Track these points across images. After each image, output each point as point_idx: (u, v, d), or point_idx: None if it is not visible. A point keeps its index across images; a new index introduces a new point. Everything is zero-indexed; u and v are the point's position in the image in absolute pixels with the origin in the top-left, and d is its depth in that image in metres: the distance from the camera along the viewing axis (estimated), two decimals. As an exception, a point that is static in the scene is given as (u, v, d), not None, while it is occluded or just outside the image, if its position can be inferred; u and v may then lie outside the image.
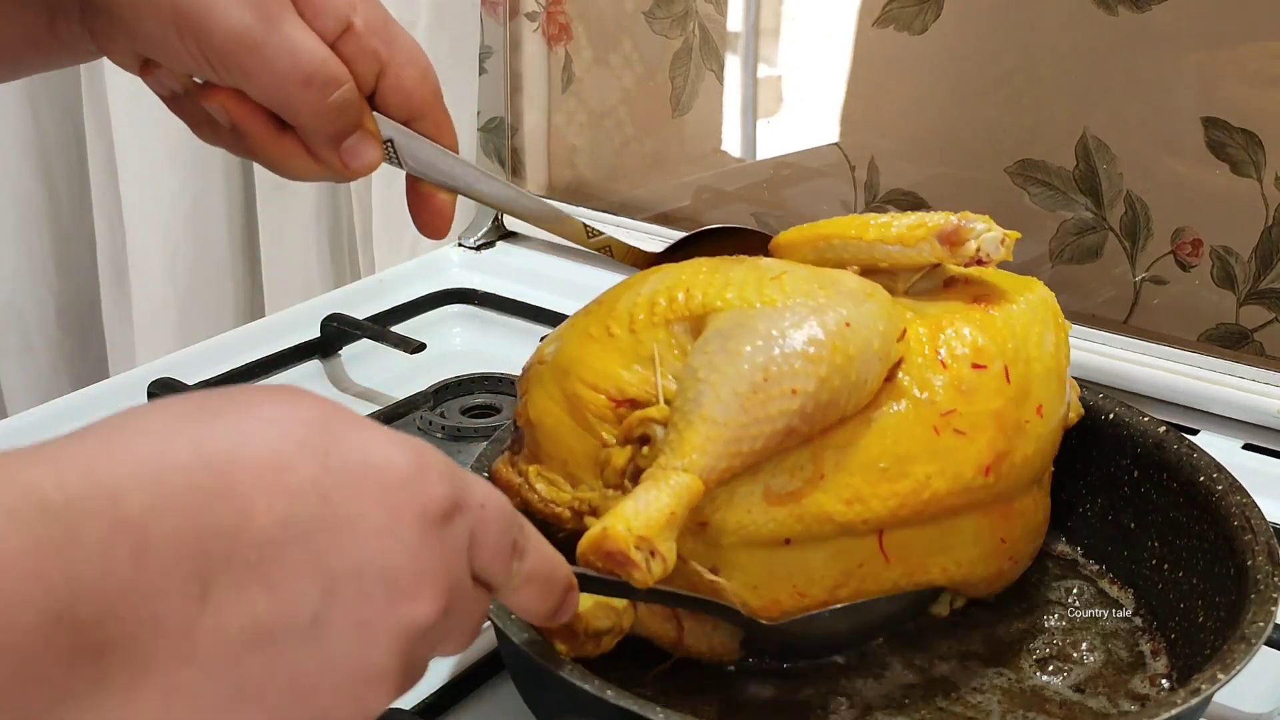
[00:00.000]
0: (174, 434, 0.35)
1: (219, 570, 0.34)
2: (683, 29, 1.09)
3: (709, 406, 0.55)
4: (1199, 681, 0.51)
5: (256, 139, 0.58)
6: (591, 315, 0.62)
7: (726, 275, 0.60)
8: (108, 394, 0.91)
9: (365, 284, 1.11)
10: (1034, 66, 0.93)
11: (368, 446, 0.38)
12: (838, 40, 1.03)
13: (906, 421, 0.58)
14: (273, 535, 0.35)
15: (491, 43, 1.17)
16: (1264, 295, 0.87)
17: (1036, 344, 0.62)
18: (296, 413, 0.37)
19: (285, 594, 0.35)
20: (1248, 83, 0.85)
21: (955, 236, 0.61)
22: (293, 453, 0.36)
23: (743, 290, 0.58)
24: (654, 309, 0.60)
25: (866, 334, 0.57)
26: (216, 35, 0.54)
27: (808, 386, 0.55)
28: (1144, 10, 0.87)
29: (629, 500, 0.53)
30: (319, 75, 0.56)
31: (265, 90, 0.56)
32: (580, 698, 0.51)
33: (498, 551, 0.42)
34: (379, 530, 0.37)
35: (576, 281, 1.09)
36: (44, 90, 1.57)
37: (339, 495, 0.37)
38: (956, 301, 0.63)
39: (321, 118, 0.57)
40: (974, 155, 0.97)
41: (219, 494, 0.35)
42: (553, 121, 1.19)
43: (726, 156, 1.12)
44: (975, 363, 0.60)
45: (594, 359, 0.60)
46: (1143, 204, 0.90)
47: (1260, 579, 0.57)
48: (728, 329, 0.57)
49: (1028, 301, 0.64)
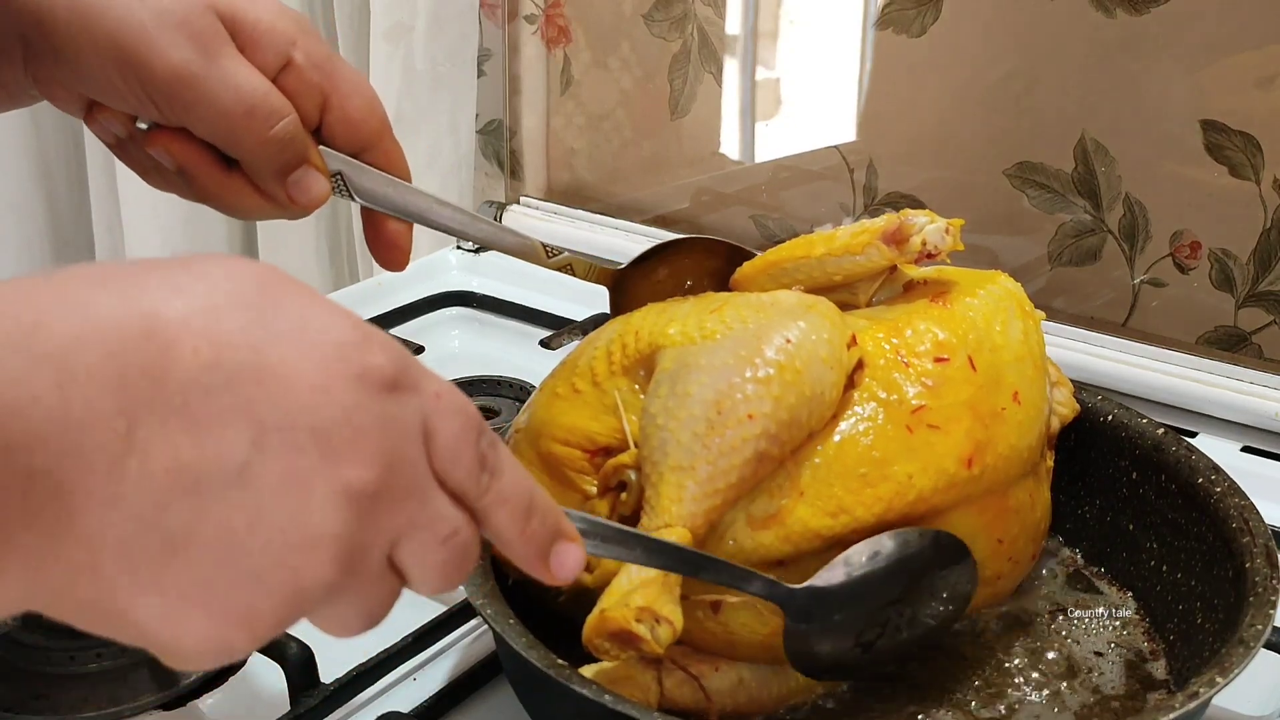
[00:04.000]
0: (103, 281, 0.35)
1: (143, 409, 0.34)
2: (681, 32, 1.09)
3: (674, 454, 0.55)
4: (1197, 685, 0.51)
5: (203, 180, 0.59)
6: (557, 376, 0.63)
7: (671, 313, 0.61)
8: (106, 397, 0.90)
9: (364, 286, 1.11)
10: (1033, 69, 0.93)
11: (307, 309, 0.37)
12: (836, 43, 1.03)
13: (878, 424, 0.58)
14: (198, 379, 0.35)
15: (490, 45, 1.17)
16: (1262, 297, 0.87)
17: (1001, 332, 0.62)
18: (234, 270, 0.37)
19: (211, 440, 0.35)
20: (1246, 85, 0.85)
21: (899, 234, 0.62)
22: (224, 304, 0.36)
23: (684, 326, 0.59)
24: (611, 359, 0.61)
25: (811, 345, 0.57)
26: (157, 71, 0.54)
27: (763, 408, 0.55)
28: (1142, 13, 0.87)
29: (622, 573, 0.53)
30: (261, 107, 0.56)
31: (208, 125, 0.56)
32: (579, 702, 0.51)
33: (459, 450, 0.40)
34: (312, 387, 0.36)
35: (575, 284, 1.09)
36: (42, 93, 1.57)
37: (271, 349, 0.36)
38: (915, 302, 0.63)
39: (265, 150, 0.57)
40: (973, 158, 0.97)
41: (144, 334, 0.34)
42: (551, 124, 1.19)
43: (725, 159, 1.12)
44: (937, 357, 0.60)
45: (563, 416, 0.61)
46: (1141, 206, 0.90)
47: (1259, 581, 0.57)
48: (674, 369, 0.57)
49: (988, 293, 0.64)
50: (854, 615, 0.56)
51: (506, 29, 1.16)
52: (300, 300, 0.37)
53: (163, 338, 0.34)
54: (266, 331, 0.36)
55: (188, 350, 0.35)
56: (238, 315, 0.36)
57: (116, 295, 0.35)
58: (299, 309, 0.37)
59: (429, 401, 0.39)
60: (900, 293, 0.65)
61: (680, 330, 0.59)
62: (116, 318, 0.34)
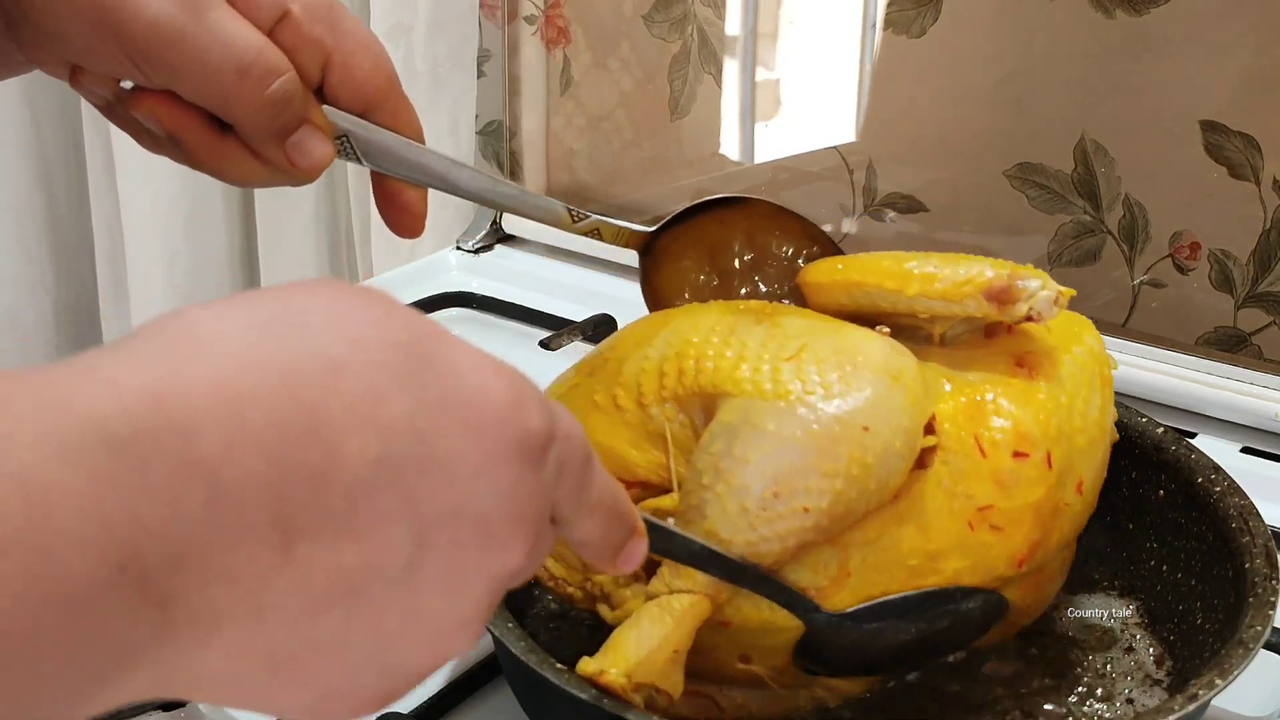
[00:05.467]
0: (252, 354, 0.31)
1: (303, 517, 0.30)
2: (681, 32, 1.09)
3: (714, 521, 0.52)
4: (1197, 687, 0.51)
5: (194, 145, 0.54)
6: (598, 377, 0.58)
7: (741, 345, 0.55)
8: (106, 398, 0.90)
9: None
10: (1032, 70, 0.93)
11: (465, 376, 0.34)
12: (836, 44, 1.03)
13: (940, 516, 0.54)
14: (364, 478, 0.31)
15: (490, 46, 1.17)
16: (1262, 298, 0.87)
17: (1081, 413, 0.58)
18: (389, 333, 0.33)
19: (376, 543, 0.32)
20: (1245, 86, 0.85)
21: (1006, 296, 0.56)
22: (388, 384, 0.32)
23: (756, 369, 0.53)
24: (663, 381, 0.55)
25: (888, 436, 0.52)
26: (138, 29, 0.49)
27: (820, 503, 0.51)
28: (1142, 14, 0.87)
29: (631, 630, 0.51)
30: (255, 65, 0.51)
31: (197, 87, 0.51)
32: (578, 705, 0.51)
33: (576, 484, 0.38)
34: (475, 471, 0.33)
35: (575, 284, 1.10)
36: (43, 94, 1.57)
37: (435, 433, 0.33)
38: (997, 360, 0.58)
39: (261, 113, 0.52)
40: (972, 159, 0.97)
41: (306, 431, 0.30)
42: (551, 125, 1.19)
43: (725, 160, 1.12)
44: (1017, 450, 0.55)
45: (600, 433, 0.56)
46: (1141, 207, 0.90)
47: (1258, 582, 0.57)
48: (735, 424, 0.52)
49: (1074, 360, 0.58)
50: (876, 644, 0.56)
51: (506, 30, 1.16)
52: (456, 362, 0.34)
53: (327, 434, 0.31)
54: (428, 410, 0.33)
55: (354, 446, 0.31)
56: (401, 395, 0.32)
57: (272, 379, 0.30)
58: (456, 375, 0.34)
59: (563, 445, 0.37)
60: (979, 333, 0.59)
61: (751, 377, 0.53)
62: (276, 415, 0.30)
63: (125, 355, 0.30)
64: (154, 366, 0.30)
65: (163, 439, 0.29)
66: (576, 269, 1.12)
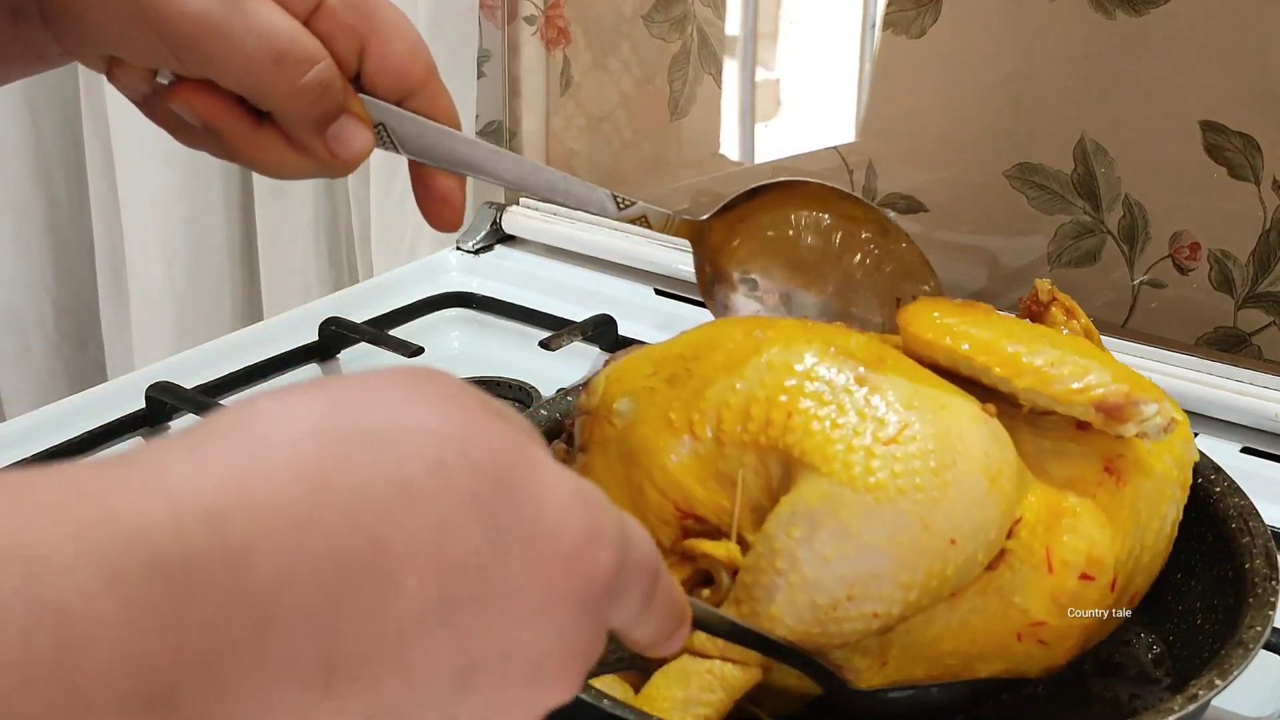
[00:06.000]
0: (321, 474, 0.29)
1: (351, 652, 0.29)
2: (681, 33, 1.09)
3: (779, 607, 0.50)
4: (1197, 687, 0.51)
5: (232, 136, 0.54)
6: (677, 390, 0.54)
7: (839, 410, 0.51)
8: (106, 397, 0.91)
9: (363, 288, 1.11)
10: (1032, 70, 0.93)
11: (542, 507, 0.32)
12: (836, 44, 1.03)
13: (990, 622, 0.52)
14: (418, 616, 0.29)
15: (490, 46, 1.17)
16: (1262, 299, 0.87)
17: (1156, 530, 0.56)
18: (471, 454, 0.31)
19: (419, 678, 0.30)
20: (1245, 86, 0.85)
21: (1119, 414, 0.52)
22: (459, 516, 0.30)
23: (850, 448, 0.50)
24: (746, 424, 0.51)
25: (972, 550, 0.50)
26: (176, 19, 0.50)
27: (891, 610, 0.50)
28: (1141, 14, 0.87)
29: (677, 688, 0.50)
30: (291, 53, 0.51)
31: (235, 76, 0.52)
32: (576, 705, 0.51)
33: (639, 604, 0.36)
34: (534, 613, 0.32)
35: (576, 285, 1.10)
36: (42, 95, 1.57)
37: (498, 571, 0.31)
38: (1087, 459, 0.54)
39: (299, 101, 0.53)
40: (972, 159, 0.97)
41: (366, 564, 0.29)
42: (551, 125, 1.19)
43: (725, 160, 1.12)
44: (1085, 573, 0.53)
45: (667, 456, 0.53)
46: (1141, 207, 0.90)
47: (1258, 582, 0.57)
48: (819, 511, 0.49)
49: (1164, 470, 0.56)
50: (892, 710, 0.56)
51: (506, 30, 1.16)
52: (536, 490, 0.32)
53: (387, 567, 0.29)
54: (496, 545, 0.31)
55: (413, 583, 0.29)
56: (470, 527, 0.30)
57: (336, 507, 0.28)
58: (533, 505, 0.32)
59: (630, 574, 0.35)
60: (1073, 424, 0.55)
61: (843, 457, 0.50)
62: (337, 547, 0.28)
63: (186, 458, 0.28)
64: (214, 475, 0.28)
65: (215, 566, 0.27)
66: (576, 269, 1.12)
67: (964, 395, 0.53)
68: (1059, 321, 0.63)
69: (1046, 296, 0.63)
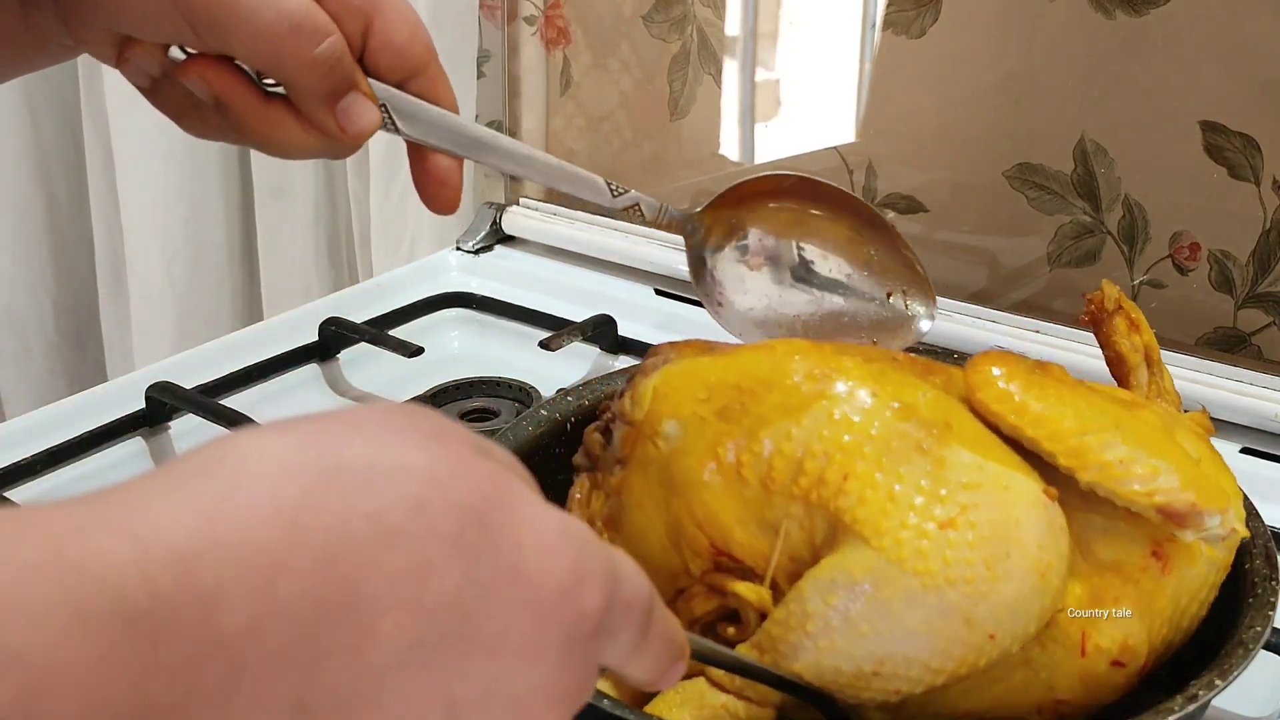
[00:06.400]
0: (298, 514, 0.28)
1: (327, 699, 0.28)
2: (681, 33, 1.09)
3: (803, 665, 0.49)
4: (1196, 688, 0.51)
5: (241, 110, 0.55)
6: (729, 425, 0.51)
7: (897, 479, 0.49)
8: (105, 397, 0.91)
9: (363, 288, 1.11)
10: (1032, 71, 0.93)
11: (525, 550, 0.31)
12: (836, 44, 1.03)
13: (1012, 693, 0.51)
14: (397, 659, 0.29)
15: (490, 46, 1.17)
16: (1262, 299, 0.87)
17: (1192, 615, 0.54)
18: (454, 495, 0.30)
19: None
20: (1245, 86, 0.85)
21: (1181, 521, 0.51)
22: (439, 557, 0.30)
23: (903, 524, 0.48)
24: (798, 478, 0.49)
25: (1008, 644, 0.48)
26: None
27: (915, 690, 0.49)
28: (1141, 14, 0.87)
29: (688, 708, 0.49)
30: (305, 23, 0.53)
31: (250, 46, 0.53)
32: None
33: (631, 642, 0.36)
34: (518, 652, 0.31)
35: (575, 285, 1.10)
36: (42, 94, 1.57)
37: (480, 613, 0.30)
38: (1136, 541, 0.52)
39: (313, 72, 0.54)
40: (972, 159, 0.97)
41: (341, 608, 0.28)
42: (551, 125, 1.19)
43: (725, 160, 1.12)
44: (1117, 660, 0.51)
45: (711, 496, 0.51)
46: (1141, 208, 0.90)
47: (1258, 582, 0.57)
48: (861, 583, 0.48)
49: (1209, 559, 0.54)
50: None
51: (506, 30, 1.16)
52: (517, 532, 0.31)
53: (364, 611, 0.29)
54: (477, 587, 0.30)
55: (390, 626, 0.29)
56: (450, 569, 0.30)
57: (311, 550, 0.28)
58: (512, 540, 0.31)
59: (620, 613, 0.34)
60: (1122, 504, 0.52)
61: (894, 532, 0.48)
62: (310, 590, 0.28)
63: (157, 499, 0.28)
64: (185, 516, 0.27)
65: (184, 611, 0.26)
66: (576, 269, 1.12)
67: (1028, 471, 0.51)
68: (1121, 333, 0.61)
69: (1113, 304, 0.62)
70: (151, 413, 0.87)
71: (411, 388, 0.91)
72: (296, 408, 0.91)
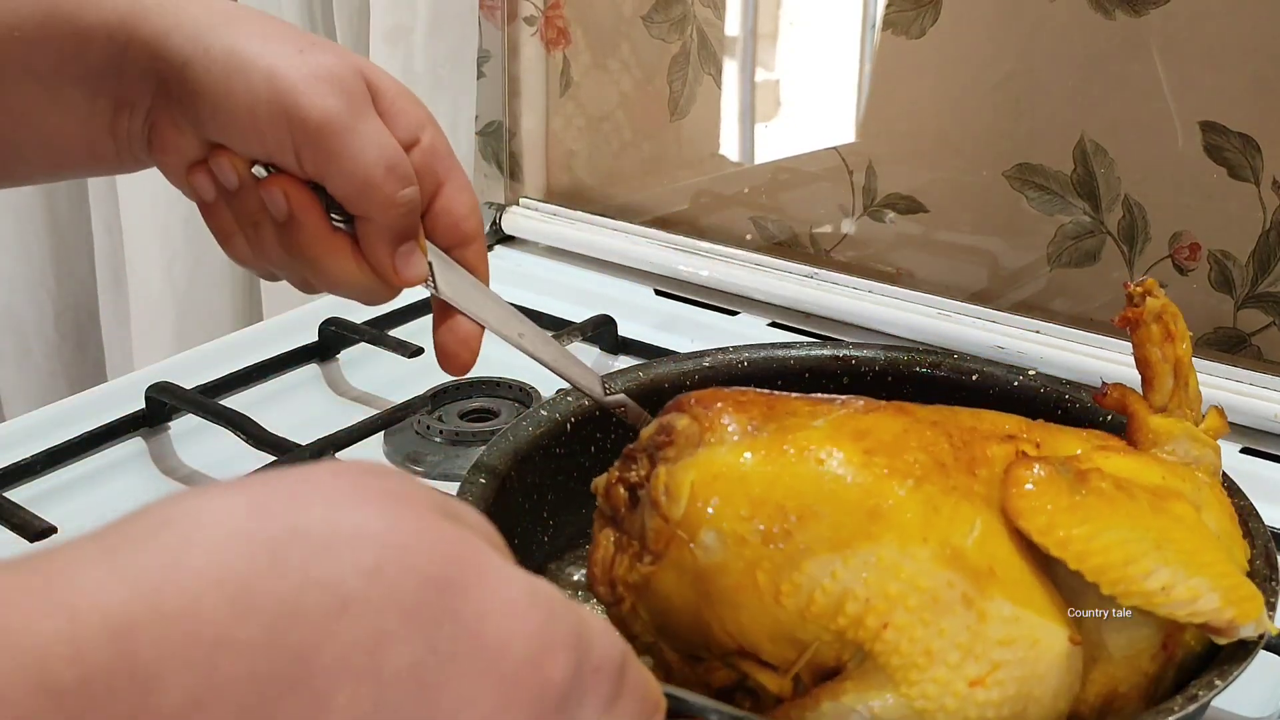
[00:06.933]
0: (248, 583, 0.27)
1: None
2: (681, 33, 1.09)
3: None
4: (1196, 688, 0.51)
5: (309, 233, 0.58)
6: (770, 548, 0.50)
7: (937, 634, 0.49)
8: (105, 398, 0.91)
9: (363, 288, 1.11)
10: (1032, 71, 0.93)
11: (488, 619, 0.30)
12: (836, 45, 1.03)
13: None
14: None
15: (489, 47, 1.17)
16: (1262, 299, 0.87)
17: None
18: (414, 560, 0.29)
19: None
20: (1245, 86, 0.85)
21: (1219, 634, 0.52)
22: (397, 628, 0.28)
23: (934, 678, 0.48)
24: (838, 616, 0.49)
25: None
26: (311, 116, 0.55)
27: None
28: (1141, 14, 0.87)
29: None
30: (399, 167, 0.57)
31: (346, 176, 0.56)
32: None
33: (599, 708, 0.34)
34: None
35: (575, 285, 1.10)
36: (42, 94, 1.57)
37: (440, 686, 0.29)
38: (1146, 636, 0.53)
39: (392, 211, 0.58)
40: (972, 159, 0.97)
41: (290, 683, 0.27)
42: (550, 125, 1.19)
43: (724, 160, 1.12)
44: None
45: (744, 611, 0.50)
46: (1140, 208, 0.90)
47: (1258, 583, 0.57)
48: None
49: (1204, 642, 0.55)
50: None
51: (506, 30, 1.16)
52: (481, 601, 0.30)
53: (315, 685, 0.27)
54: (438, 659, 0.29)
55: (343, 701, 0.27)
56: (408, 640, 0.28)
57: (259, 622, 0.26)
58: (475, 609, 0.30)
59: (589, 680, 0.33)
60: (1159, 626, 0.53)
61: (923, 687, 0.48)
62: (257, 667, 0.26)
63: (96, 565, 0.26)
64: (124, 585, 0.26)
65: (118, 688, 0.25)
66: (576, 270, 1.12)
67: (1059, 621, 0.51)
68: (1154, 342, 0.61)
69: (1152, 316, 0.61)
70: (151, 413, 0.87)
71: (411, 388, 0.90)
72: (296, 408, 0.91)
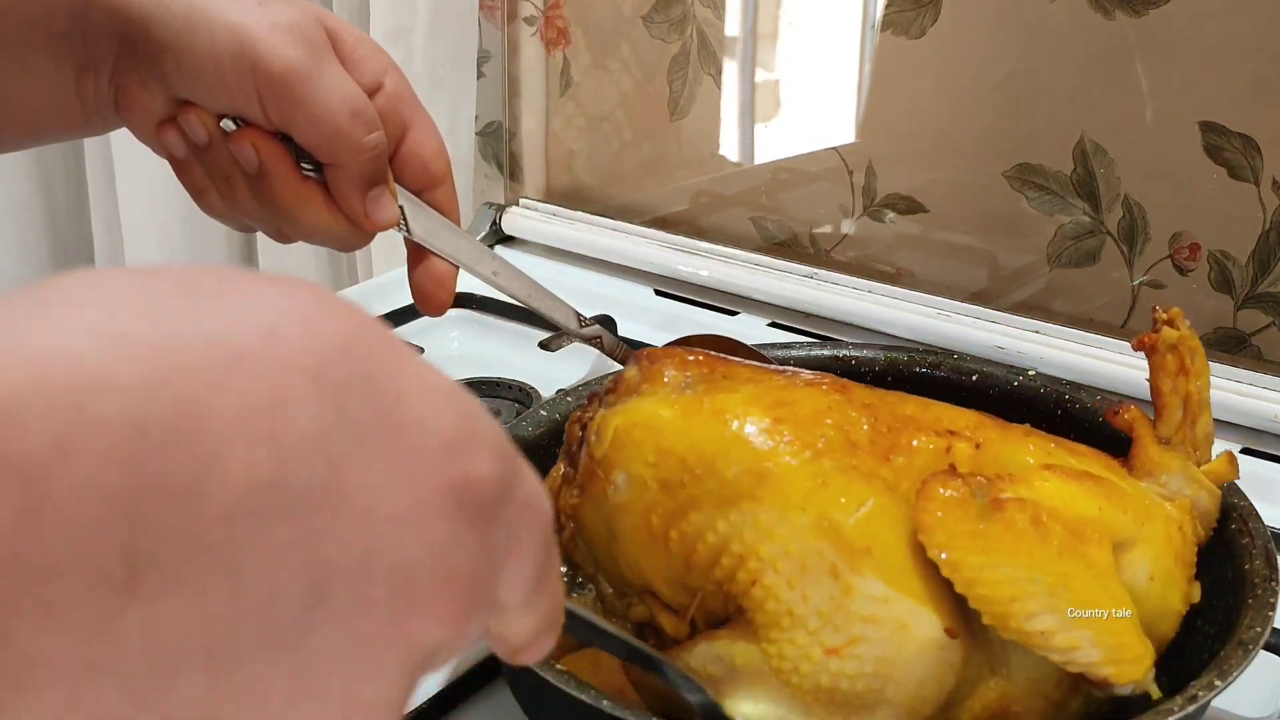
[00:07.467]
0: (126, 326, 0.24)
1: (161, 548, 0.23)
2: (681, 33, 1.09)
3: None
4: (1196, 688, 0.51)
5: (280, 184, 0.59)
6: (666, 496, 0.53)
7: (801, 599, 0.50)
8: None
9: (363, 288, 1.11)
10: (1032, 71, 0.93)
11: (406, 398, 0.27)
12: (836, 45, 1.03)
13: None
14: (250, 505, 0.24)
15: (490, 47, 1.17)
16: (1261, 299, 0.87)
17: None
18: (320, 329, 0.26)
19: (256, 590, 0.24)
20: (1245, 86, 0.85)
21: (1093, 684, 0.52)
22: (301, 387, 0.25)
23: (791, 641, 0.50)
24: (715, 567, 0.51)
25: None
26: (274, 67, 0.56)
27: None
28: (1141, 15, 0.87)
29: None
30: (364, 112, 0.58)
31: (311, 124, 0.58)
32: (577, 706, 0.51)
33: (530, 567, 0.31)
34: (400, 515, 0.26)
35: (576, 285, 1.10)
36: (42, 94, 1.57)
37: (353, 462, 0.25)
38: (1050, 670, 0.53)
39: (359, 157, 0.59)
40: (972, 159, 0.97)
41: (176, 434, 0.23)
42: (550, 126, 1.19)
43: (724, 161, 1.12)
44: None
45: (642, 552, 0.53)
46: (1140, 208, 0.90)
47: (1258, 583, 0.57)
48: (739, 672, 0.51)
49: None
50: None
51: (506, 31, 1.16)
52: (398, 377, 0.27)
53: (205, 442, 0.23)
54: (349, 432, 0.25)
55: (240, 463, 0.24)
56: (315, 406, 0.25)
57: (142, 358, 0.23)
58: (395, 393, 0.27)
59: (518, 513, 0.30)
60: None
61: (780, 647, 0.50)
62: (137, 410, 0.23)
63: None
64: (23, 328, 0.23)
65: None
66: (576, 269, 1.12)
67: (935, 610, 0.51)
68: (1167, 373, 0.60)
69: (1166, 346, 0.60)
70: (151, 413, 0.86)
71: (411, 388, 0.91)
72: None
